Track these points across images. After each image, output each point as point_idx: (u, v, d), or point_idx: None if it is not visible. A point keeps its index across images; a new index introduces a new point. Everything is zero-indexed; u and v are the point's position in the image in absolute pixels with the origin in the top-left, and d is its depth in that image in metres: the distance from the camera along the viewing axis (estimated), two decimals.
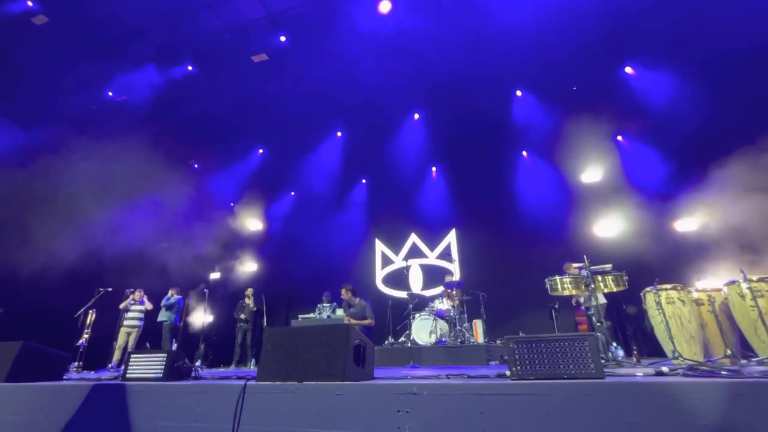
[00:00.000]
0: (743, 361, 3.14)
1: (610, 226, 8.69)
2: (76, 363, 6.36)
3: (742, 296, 3.25)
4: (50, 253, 6.93)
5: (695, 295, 3.63)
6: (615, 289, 4.06)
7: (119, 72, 7.93)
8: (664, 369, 1.90)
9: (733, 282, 3.39)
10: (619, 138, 8.86)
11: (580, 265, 3.96)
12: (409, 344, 6.67)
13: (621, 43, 7.23)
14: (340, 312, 7.48)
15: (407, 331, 7.07)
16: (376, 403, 1.83)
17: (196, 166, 10.23)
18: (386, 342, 7.05)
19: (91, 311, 6.81)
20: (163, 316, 7.78)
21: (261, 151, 9.75)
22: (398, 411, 1.77)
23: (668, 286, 3.57)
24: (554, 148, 9.14)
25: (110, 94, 8.32)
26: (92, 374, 5.57)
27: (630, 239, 8.02)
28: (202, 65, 7.77)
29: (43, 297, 6.89)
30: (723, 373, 1.69)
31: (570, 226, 8.67)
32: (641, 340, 5.60)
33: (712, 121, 7.32)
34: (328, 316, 7.35)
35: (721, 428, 1.38)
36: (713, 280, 5.75)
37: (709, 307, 3.41)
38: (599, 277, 3.91)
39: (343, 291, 6.28)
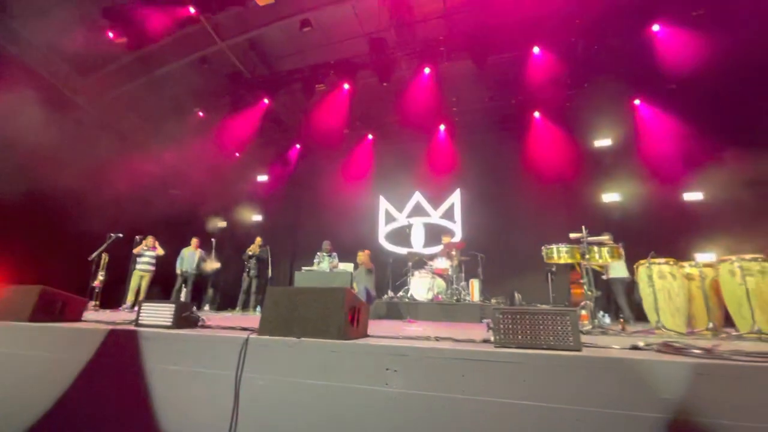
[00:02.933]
0: (723, 335, 3.29)
1: (617, 194, 8.64)
2: (94, 302, 6.76)
3: (733, 274, 3.32)
4: (66, 202, 7.11)
5: (687, 270, 3.70)
6: (609, 261, 4.15)
7: (118, 10, 7.58)
8: (640, 343, 2.01)
9: (726, 259, 3.44)
10: (637, 102, 8.51)
11: (579, 235, 4.01)
12: (407, 300, 6.96)
13: None
14: (342, 266, 7.73)
15: (406, 287, 7.35)
16: (367, 360, 1.99)
17: (201, 114, 10.08)
18: (385, 296, 7.36)
19: (104, 255, 7.11)
20: (184, 266, 8.12)
21: (266, 101, 9.52)
22: (387, 369, 1.92)
23: (662, 260, 3.63)
24: (567, 110, 8.85)
25: (110, 34, 8.00)
26: (108, 312, 5.97)
27: (637, 209, 8.00)
28: (204, 8, 7.37)
29: (60, 241, 7.18)
30: (695, 351, 1.79)
31: (577, 192, 8.62)
32: (632, 309, 5.80)
33: (738, 87, 6.98)
34: (332, 269, 7.58)
35: (681, 403, 1.50)
36: (712, 254, 5.82)
37: (699, 282, 3.49)
38: (595, 248, 3.98)
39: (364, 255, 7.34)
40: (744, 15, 6.11)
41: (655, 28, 6.86)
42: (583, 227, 3.93)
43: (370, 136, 10.83)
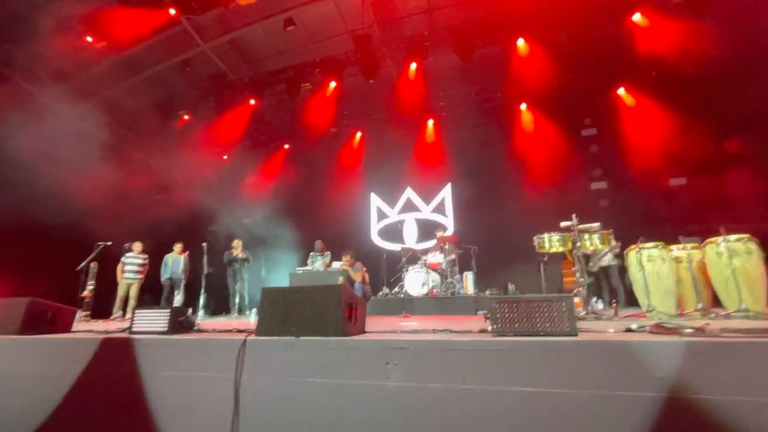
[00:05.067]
0: (712, 315, 3.37)
1: (605, 182, 8.77)
2: (84, 313, 6.63)
3: (719, 255, 3.40)
4: (50, 212, 6.93)
5: (675, 253, 3.78)
6: (600, 247, 4.21)
7: (98, 13, 7.41)
8: (633, 326, 2.05)
9: (713, 241, 3.52)
10: (620, 90, 8.62)
11: (569, 223, 4.06)
12: (402, 295, 6.97)
13: None
14: (336, 264, 7.71)
15: (401, 283, 7.36)
16: (367, 356, 1.99)
17: (186, 117, 9.92)
18: (380, 293, 7.37)
19: (93, 264, 6.98)
20: (169, 272, 7.92)
21: (252, 102, 9.42)
22: (387, 363, 1.92)
23: (650, 245, 3.70)
24: (553, 101, 8.92)
25: (89, 39, 7.82)
26: (100, 323, 5.86)
27: (626, 196, 8.13)
28: (185, 9, 7.24)
29: (47, 252, 7.01)
30: (686, 331, 1.83)
31: (565, 181, 8.71)
32: (623, 292, 5.91)
33: (719, 73, 7.10)
34: (325, 269, 7.55)
35: (675, 382, 1.53)
36: (697, 237, 5.94)
37: (687, 264, 3.57)
38: (586, 235, 4.03)
39: (346, 259, 7.37)
40: (721, 3, 6.22)
41: (636, 17, 6.96)
42: (574, 215, 3.98)
43: (359, 134, 10.79)
